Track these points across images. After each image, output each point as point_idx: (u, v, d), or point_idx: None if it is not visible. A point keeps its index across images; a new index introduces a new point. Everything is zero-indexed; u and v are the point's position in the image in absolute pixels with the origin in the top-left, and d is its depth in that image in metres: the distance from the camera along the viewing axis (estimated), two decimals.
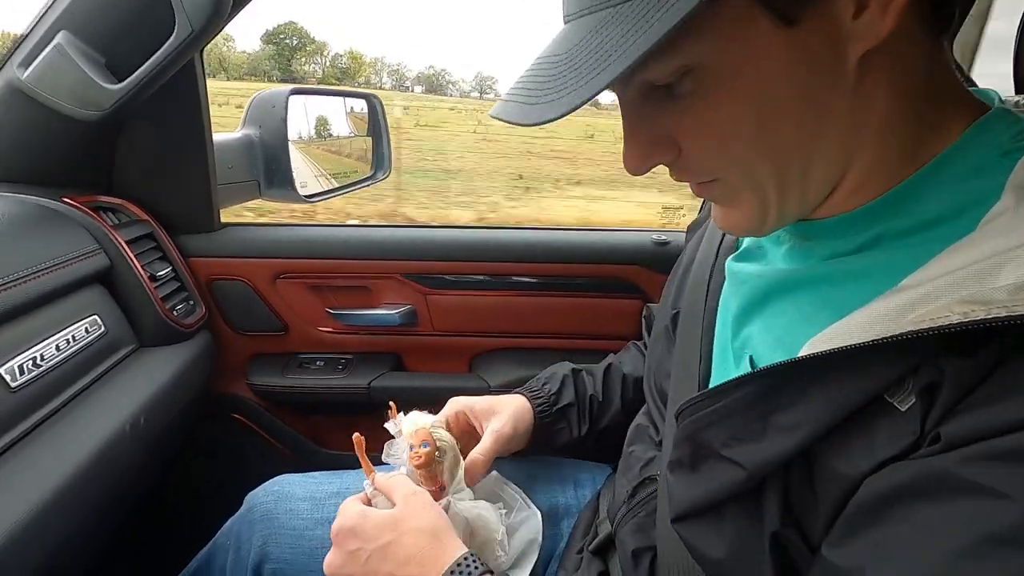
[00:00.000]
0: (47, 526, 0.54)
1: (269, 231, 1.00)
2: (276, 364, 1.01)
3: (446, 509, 0.55)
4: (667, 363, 0.58)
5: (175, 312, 0.87)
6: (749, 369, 0.43)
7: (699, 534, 0.42)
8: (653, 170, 0.39)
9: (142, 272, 0.82)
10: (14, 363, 0.60)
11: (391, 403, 0.61)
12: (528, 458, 0.75)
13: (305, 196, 1.15)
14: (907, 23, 0.32)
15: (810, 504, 0.36)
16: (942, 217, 0.34)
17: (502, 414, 0.65)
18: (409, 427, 0.59)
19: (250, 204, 1.12)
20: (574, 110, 0.31)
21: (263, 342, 1.02)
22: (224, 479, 0.75)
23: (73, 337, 0.69)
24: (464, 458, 0.61)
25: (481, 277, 0.99)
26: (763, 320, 0.44)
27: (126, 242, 0.81)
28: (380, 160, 1.36)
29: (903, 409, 0.31)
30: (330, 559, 0.51)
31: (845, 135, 0.35)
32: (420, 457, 0.56)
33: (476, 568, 0.46)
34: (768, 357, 0.42)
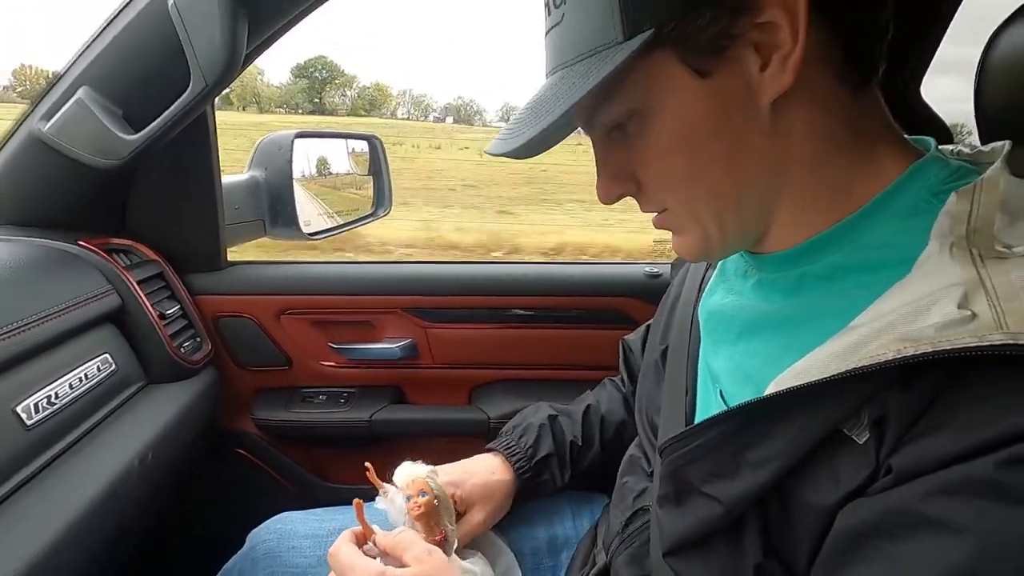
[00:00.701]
0: (61, 562, 0.56)
1: (274, 269, 1.03)
2: (280, 398, 1.03)
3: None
4: (657, 397, 0.60)
5: (183, 349, 0.89)
6: (724, 406, 0.45)
7: (689, 566, 0.44)
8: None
9: (152, 311, 0.85)
10: (30, 401, 0.63)
11: (368, 466, 0.58)
12: None
13: (308, 233, 1.19)
14: (815, 75, 0.37)
15: (789, 536, 0.38)
16: (885, 259, 0.37)
17: (479, 504, 0.65)
18: (403, 478, 0.58)
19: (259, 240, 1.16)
20: (528, 145, 0.39)
21: (267, 377, 1.04)
22: (227, 516, 0.76)
23: (86, 375, 0.72)
24: None
25: (479, 310, 1.02)
26: (733, 358, 0.47)
27: (137, 282, 0.85)
28: (381, 197, 1.40)
29: (860, 442, 0.34)
30: None
31: (769, 171, 0.39)
32: (420, 507, 0.55)
33: None
34: (737, 394, 0.44)
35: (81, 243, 0.82)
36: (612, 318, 1.02)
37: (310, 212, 1.25)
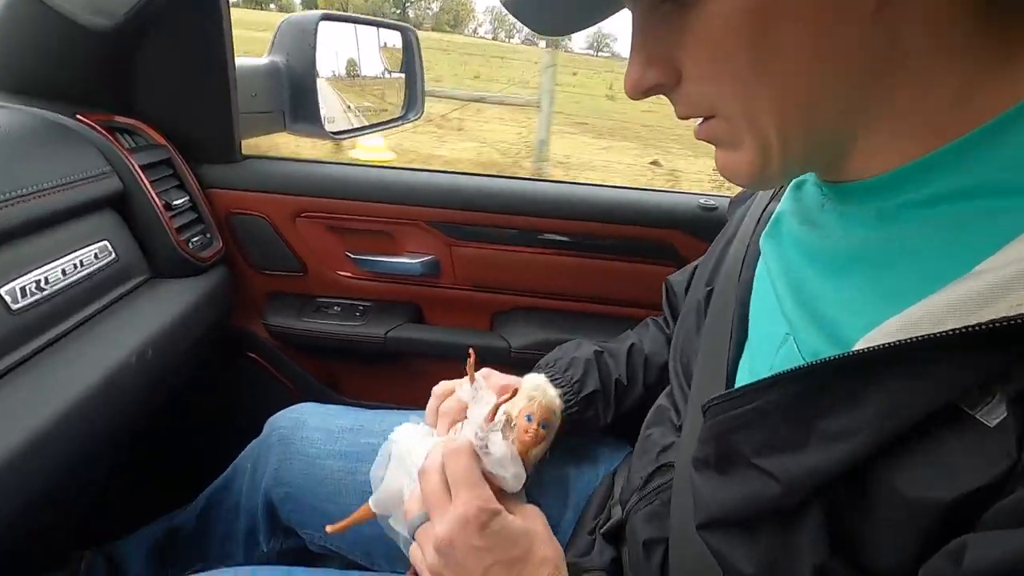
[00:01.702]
0: (47, 453, 0.53)
1: (291, 166, 0.95)
2: (293, 305, 0.98)
3: None
4: (696, 342, 0.52)
5: (191, 244, 0.84)
6: (788, 362, 0.37)
7: (727, 545, 0.37)
8: None
9: (156, 199, 0.78)
10: (16, 284, 0.58)
11: (470, 352, 0.50)
12: None
13: (332, 132, 1.09)
14: None
15: (868, 533, 0.30)
16: (1017, 188, 0.27)
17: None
18: (532, 391, 0.50)
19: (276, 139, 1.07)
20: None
21: (281, 282, 0.99)
22: (240, 415, 0.74)
23: (81, 262, 0.67)
24: None
25: (509, 231, 0.93)
26: (805, 305, 0.37)
27: (141, 167, 0.78)
28: (413, 100, 1.28)
29: (991, 424, 0.26)
30: (449, 537, 0.42)
31: (862, 71, 0.30)
32: (531, 435, 0.48)
33: None
34: (811, 348, 0.35)
35: (80, 117, 0.75)
36: (656, 252, 0.92)
37: (334, 108, 1.15)
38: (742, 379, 0.44)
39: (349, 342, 0.95)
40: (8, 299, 0.57)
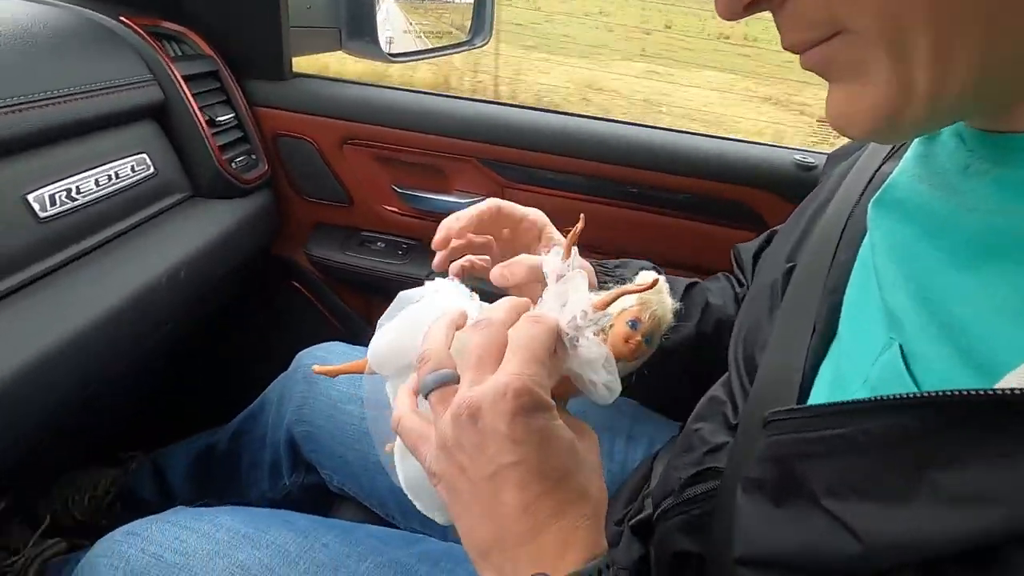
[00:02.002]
0: (65, 366, 0.52)
1: (341, 88, 0.88)
2: (337, 237, 0.95)
3: None
4: (765, 330, 0.43)
5: (234, 164, 0.80)
6: (890, 377, 0.28)
7: None
8: None
9: (199, 114, 0.75)
10: (45, 192, 0.56)
11: (581, 216, 0.37)
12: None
13: (391, 54, 1.01)
14: None
15: None
16: None
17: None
18: (649, 292, 0.37)
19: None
20: None
21: (326, 212, 0.95)
22: (278, 343, 0.72)
23: (116, 174, 0.64)
24: None
25: (570, 176, 0.83)
26: (926, 303, 0.27)
27: (184, 77, 0.73)
28: (480, 23, 1.17)
29: None
30: (476, 400, 0.28)
31: None
32: (631, 347, 0.36)
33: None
34: (929, 365, 0.26)
35: (123, 19, 0.71)
36: (735, 213, 0.80)
37: (395, 28, 1.07)
38: (820, 389, 0.35)
39: (389, 280, 0.91)
40: (36, 206, 0.55)
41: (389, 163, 0.89)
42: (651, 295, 0.38)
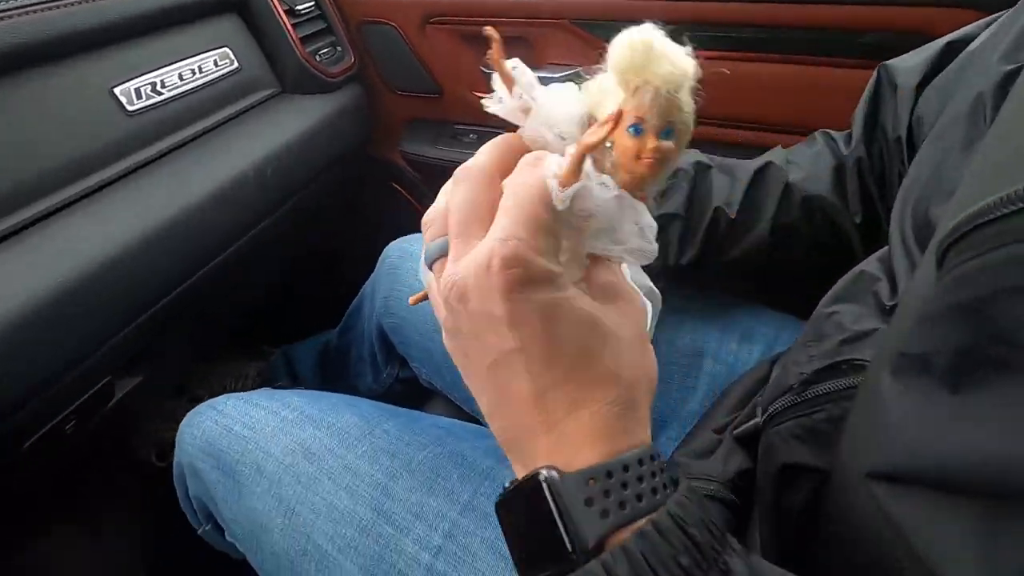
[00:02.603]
0: (152, 257, 0.54)
1: None
2: (430, 132, 0.90)
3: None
4: (954, 173, 0.30)
5: (318, 57, 0.77)
6: None
7: (926, 519, 0.20)
8: None
9: (276, 2, 0.72)
10: (131, 85, 0.57)
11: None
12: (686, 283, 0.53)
13: None
14: None
15: None
16: None
17: None
18: (632, 70, 0.23)
19: None
20: None
21: (419, 106, 0.90)
22: (382, 239, 0.71)
23: (199, 68, 0.64)
24: None
25: (682, 26, 0.67)
26: None
27: None
28: None
29: None
30: (460, 278, 0.23)
31: None
32: (647, 162, 0.23)
33: (658, 474, 0.23)
34: None
35: None
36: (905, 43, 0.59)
37: None
38: None
39: None
40: (123, 99, 0.57)
41: (474, 41, 0.80)
42: (638, 73, 0.23)
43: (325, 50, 0.79)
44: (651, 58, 0.23)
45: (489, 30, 0.26)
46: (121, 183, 0.55)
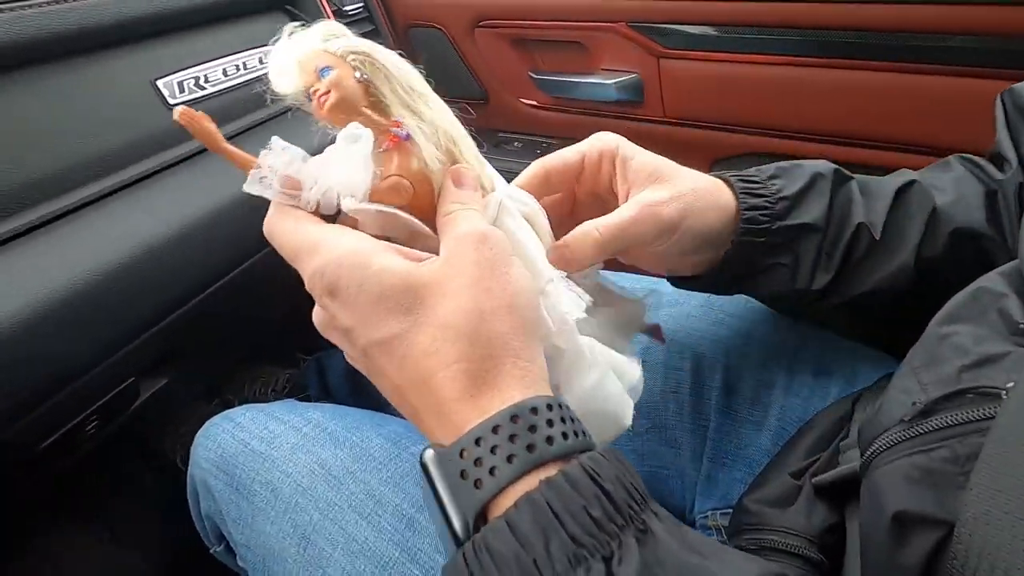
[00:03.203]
0: (187, 252, 0.53)
1: None
2: (473, 138, 0.87)
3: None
4: None
5: None
6: None
7: None
8: None
9: (324, 2, 0.71)
10: (174, 79, 0.56)
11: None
12: (752, 301, 0.48)
13: None
14: None
15: None
16: None
17: (670, 183, 0.34)
18: (281, 81, 0.28)
19: None
20: None
21: (462, 111, 0.87)
22: None
23: (244, 65, 0.63)
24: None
25: (749, 31, 0.62)
26: None
27: None
28: None
29: None
30: (315, 314, 0.28)
31: None
32: (325, 97, 0.26)
33: (546, 425, 0.21)
34: None
35: None
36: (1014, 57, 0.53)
37: None
38: None
39: None
40: (166, 92, 0.55)
41: (524, 46, 0.78)
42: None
43: None
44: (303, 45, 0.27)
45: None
46: (158, 176, 0.54)
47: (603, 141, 0.36)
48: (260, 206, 0.29)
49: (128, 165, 0.52)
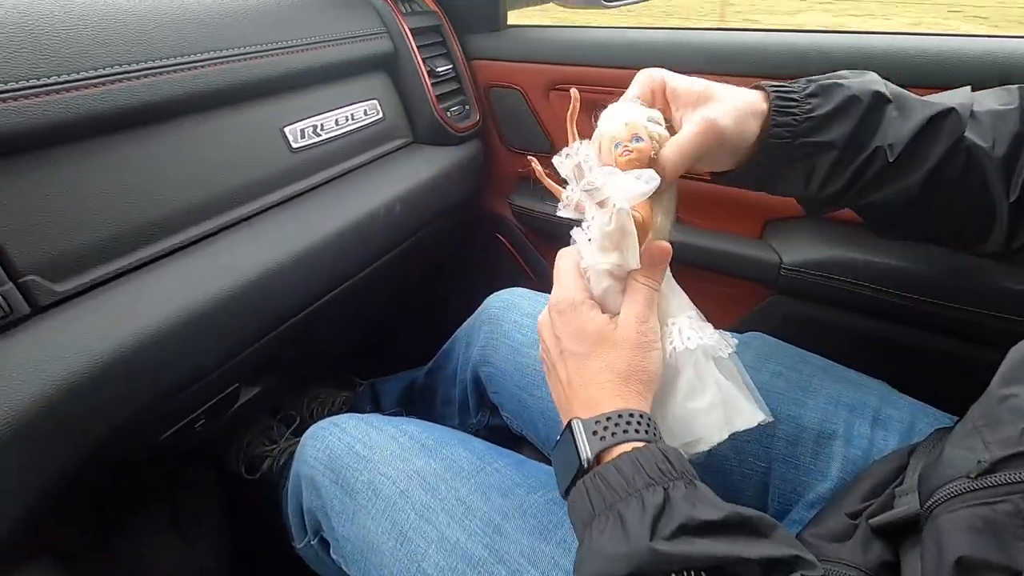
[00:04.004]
0: (296, 275, 0.60)
1: (550, 33, 0.87)
2: (539, 189, 0.94)
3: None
4: None
5: (449, 113, 0.85)
6: None
7: None
8: None
9: (421, 64, 0.80)
10: (297, 126, 0.65)
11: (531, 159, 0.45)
12: (807, 354, 0.52)
13: (605, 1, 0.97)
14: None
15: None
16: None
17: (719, 102, 0.40)
18: (612, 123, 0.40)
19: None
20: None
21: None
22: (482, 287, 0.75)
23: (352, 116, 0.72)
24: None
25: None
26: None
27: (411, 31, 0.80)
28: None
29: None
30: (541, 320, 0.42)
31: None
32: (631, 153, 0.38)
33: (641, 429, 0.35)
34: None
35: None
36: None
37: None
38: None
39: None
40: (290, 137, 0.64)
41: (592, 109, 0.85)
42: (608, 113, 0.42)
43: (455, 108, 0.86)
44: (623, 114, 0.41)
45: (574, 91, 0.44)
46: (278, 209, 0.62)
47: (651, 77, 0.43)
48: (350, 241, 0.39)
49: (254, 199, 0.60)
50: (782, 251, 0.75)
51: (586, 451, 0.33)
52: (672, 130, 0.41)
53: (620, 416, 0.34)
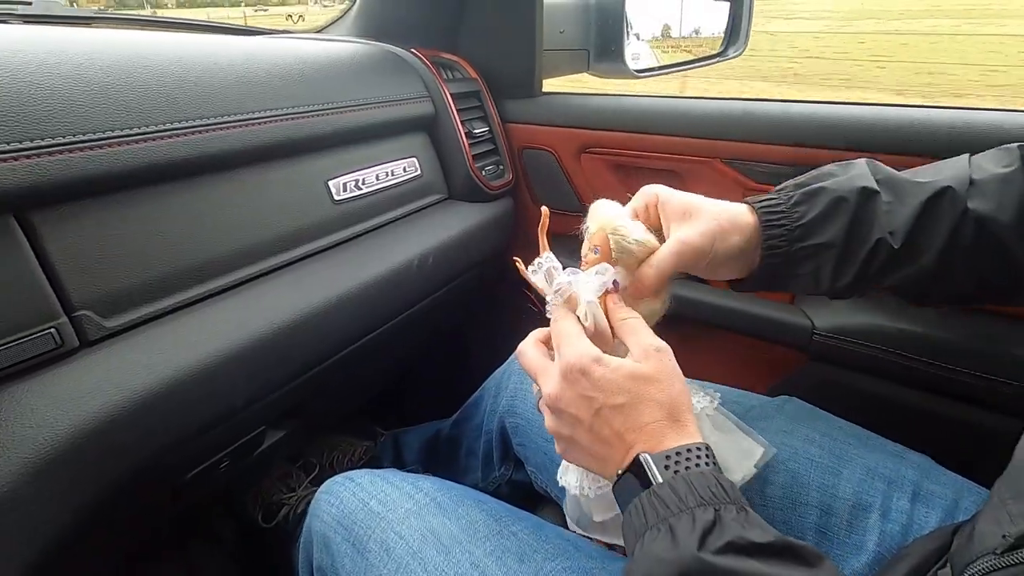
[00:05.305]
0: (332, 321, 0.61)
1: (583, 99, 0.91)
2: (567, 245, 0.96)
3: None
4: None
5: (484, 172, 0.88)
6: None
7: None
8: None
9: (460, 126, 0.84)
10: (341, 180, 0.68)
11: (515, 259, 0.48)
12: (842, 422, 0.50)
13: (636, 70, 1.02)
14: None
15: None
16: None
17: (697, 220, 0.42)
18: (597, 224, 0.44)
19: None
20: None
21: (561, 221, 0.97)
22: (509, 340, 0.76)
23: (392, 172, 0.76)
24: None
25: None
26: None
27: (452, 95, 0.84)
28: (735, 33, 1.10)
29: None
30: (556, 393, 0.39)
31: None
32: (591, 259, 0.43)
33: (703, 460, 0.35)
34: None
35: (413, 51, 0.85)
36: None
37: (640, 46, 1.07)
38: None
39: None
40: (333, 190, 0.67)
41: (625, 170, 0.88)
42: (614, 232, 0.43)
43: (490, 167, 0.90)
44: (603, 215, 0.45)
45: (544, 208, 0.48)
46: (318, 256, 0.64)
47: (646, 194, 0.46)
48: (384, 289, 0.41)
49: (298, 246, 0.63)
50: (814, 316, 0.74)
51: (657, 479, 0.34)
52: (662, 239, 0.44)
53: (689, 450, 0.35)
